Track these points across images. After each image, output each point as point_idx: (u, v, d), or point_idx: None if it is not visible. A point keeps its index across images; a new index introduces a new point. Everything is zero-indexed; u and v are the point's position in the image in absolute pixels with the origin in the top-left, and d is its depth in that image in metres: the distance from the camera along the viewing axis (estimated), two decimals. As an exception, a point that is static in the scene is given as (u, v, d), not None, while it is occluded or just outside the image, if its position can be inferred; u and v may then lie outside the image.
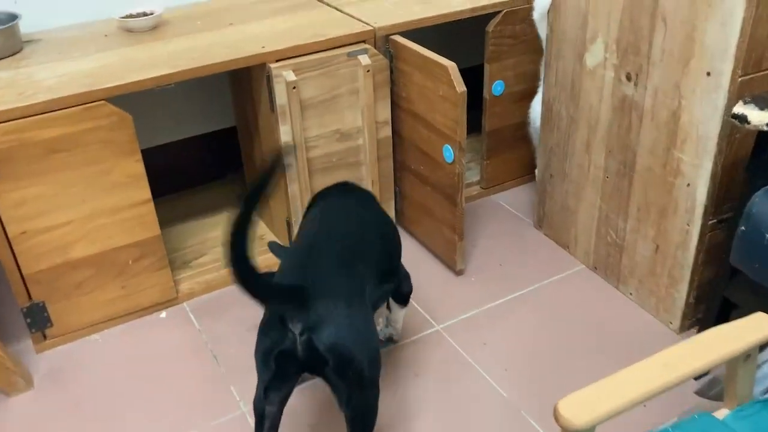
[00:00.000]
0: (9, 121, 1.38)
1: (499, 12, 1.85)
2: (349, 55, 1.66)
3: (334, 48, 1.65)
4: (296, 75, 1.60)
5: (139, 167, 1.55)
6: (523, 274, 1.80)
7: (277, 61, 1.60)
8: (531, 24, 1.87)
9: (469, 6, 1.82)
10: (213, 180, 2.19)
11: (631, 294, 1.69)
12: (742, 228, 1.20)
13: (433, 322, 1.66)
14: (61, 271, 1.56)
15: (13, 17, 1.65)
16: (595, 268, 1.79)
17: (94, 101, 1.45)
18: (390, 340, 1.60)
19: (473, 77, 1.87)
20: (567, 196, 1.80)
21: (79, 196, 1.51)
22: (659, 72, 1.42)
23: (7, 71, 1.55)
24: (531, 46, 1.92)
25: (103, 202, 1.54)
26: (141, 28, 1.76)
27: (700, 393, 1.33)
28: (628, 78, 1.50)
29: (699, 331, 1.54)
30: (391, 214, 1.92)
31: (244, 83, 1.79)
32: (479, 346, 1.58)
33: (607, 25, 1.52)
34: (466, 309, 1.69)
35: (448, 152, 1.63)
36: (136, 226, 1.60)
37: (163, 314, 1.73)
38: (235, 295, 1.75)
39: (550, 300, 1.71)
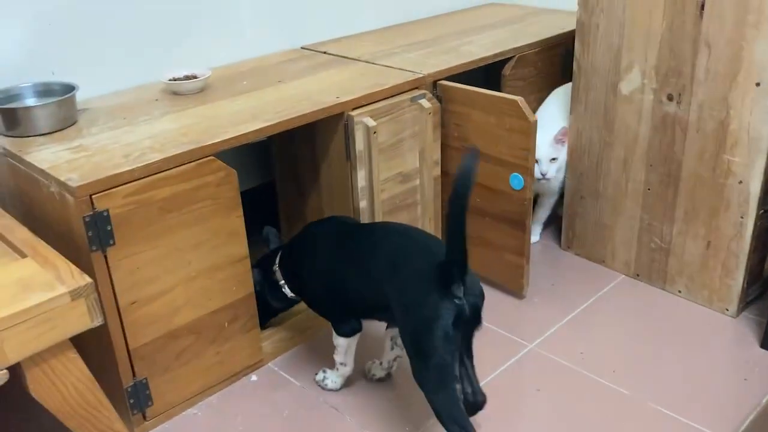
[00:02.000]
0: (129, 182, 1.32)
1: (513, 57, 2.04)
2: (411, 100, 1.76)
3: (397, 95, 1.74)
4: (373, 121, 1.66)
5: (239, 223, 1.52)
6: (575, 290, 1.94)
7: (354, 108, 1.66)
8: (535, 66, 2.09)
9: (491, 52, 1.99)
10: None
11: (680, 291, 1.88)
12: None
13: (524, 343, 1.74)
14: (164, 342, 1.47)
15: (71, 88, 1.57)
16: (637, 275, 1.97)
17: (204, 157, 1.42)
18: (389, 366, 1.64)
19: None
20: (602, 214, 1.98)
21: (185, 257, 1.45)
22: (704, 89, 1.66)
23: (85, 139, 1.47)
24: (535, 87, 2.13)
25: (206, 262, 1.49)
26: (190, 90, 1.74)
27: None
28: (670, 98, 1.73)
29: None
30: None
31: (297, 137, 1.82)
32: (578, 356, 1.69)
33: (644, 55, 1.74)
34: (546, 327, 1.79)
35: (517, 180, 1.76)
36: (232, 285, 1.55)
37: (254, 377, 1.66)
38: (313, 346, 1.73)
39: (609, 309, 1.86)
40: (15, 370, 1.13)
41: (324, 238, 1.55)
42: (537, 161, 1.87)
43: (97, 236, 1.30)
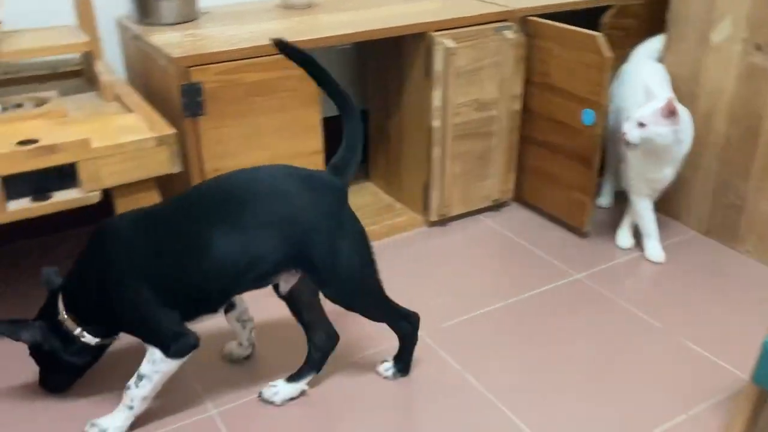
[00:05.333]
0: (223, 62, 1.53)
1: (612, 6, 2.06)
2: (496, 30, 1.85)
3: (484, 24, 1.84)
4: (454, 43, 1.78)
5: (317, 118, 1.70)
6: (639, 240, 1.95)
7: (437, 30, 1.78)
8: (637, 17, 2.09)
9: (589, -3, 2.03)
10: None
11: (748, 251, 1.85)
12: None
13: (571, 271, 1.80)
14: (239, 212, 1.68)
15: (195, -11, 1.82)
16: (708, 232, 1.94)
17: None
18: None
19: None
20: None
21: (266, 140, 1.65)
22: (792, 39, 1.62)
23: (200, 29, 1.71)
24: (636, 39, 2.13)
25: (283, 149, 1.68)
26: (300, 5, 1.94)
27: None
28: (758, 48, 1.70)
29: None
30: (512, 185, 2.09)
31: (390, 60, 1.96)
32: (622, 291, 1.72)
33: (737, 4, 1.72)
34: (597, 263, 1.84)
35: (589, 116, 1.81)
36: (305, 175, 1.74)
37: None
38: (380, 248, 1.90)
39: (669, 259, 1.86)
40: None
41: (133, 229, 1.20)
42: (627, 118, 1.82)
43: (190, 104, 1.53)
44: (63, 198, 1.34)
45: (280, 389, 1.36)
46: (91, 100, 1.62)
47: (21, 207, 1.31)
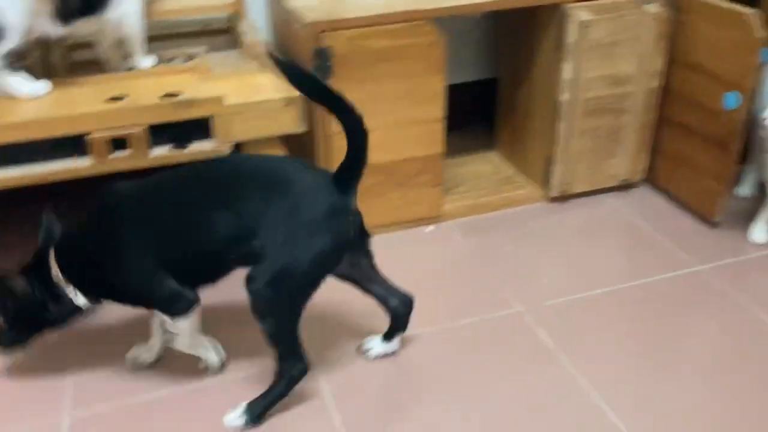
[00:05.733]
0: (353, 28, 1.59)
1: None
2: (636, 2, 1.76)
3: (624, -5, 1.76)
4: (589, 16, 1.72)
5: (441, 86, 1.72)
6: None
7: (573, 2, 1.73)
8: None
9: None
10: (457, 128, 2.35)
11: None
12: None
13: (691, 261, 1.72)
14: (359, 173, 1.76)
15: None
16: None
17: (419, 20, 1.63)
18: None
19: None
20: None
21: (389, 105, 1.70)
22: None
23: (336, -6, 1.78)
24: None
25: (406, 115, 1.73)
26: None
27: None
28: None
29: None
30: (643, 167, 2.00)
31: (522, 29, 1.93)
32: (748, 291, 1.62)
33: None
34: (722, 257, 1.73)
35: (731, 99, 1.69)
36: (426, 142, 1.78)
37: (430, 228, 1.89)
38: (495, 220, 1.90)
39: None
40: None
41: (137, 198, 1.22)
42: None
43: (320, 67, 1.61)
44: (198, 148, 1.48)
45: (375, 346, 1.44)
46: (235, 58, 1.74)
47: (162, 153, 1.46)
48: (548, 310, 1.58)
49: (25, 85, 1.45)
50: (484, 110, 2.24)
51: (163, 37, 1.85)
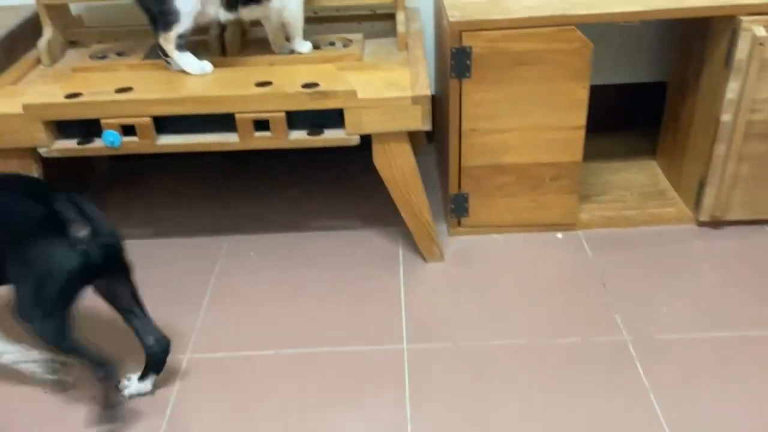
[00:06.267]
0: (494, 30, 1.59)
1: None
2: (831, 19, 1.54)
3: (815, 10, 1.55)
4: (765, 32, 1.54)
5: (584, 94, 1.66)
6: None
7: (748, 14, 1.56)
8: None
9: None
10: (620, 129, 2.24)
11: None
12: None
13: None
14: (490, 172, 1.77)
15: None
16: None
17: (566, 24, 1.59)
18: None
19: None
20: None
21: (526, 108, 1.68)
22: None
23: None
24: None
25: (543, 119, 1.70)
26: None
27: None
28: None
29: None
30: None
31: (694, 36, 1.78)
32: None
33: None
34: None
35: None
36: (563, 148, 1.74)
37: (560, 235, 1.86)
38: (633, 236, 1.82)
39: None
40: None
41: None
42: None
43: (458, 66, 1.63)
44: (331, 136, 1.59)
45: (131, 384, 1.40)
46: (387, 47, 1.82)
47: (299, 138, 1.59)
48: (658, 344, 1.50)
49: (195, 64, 1.65)
50: (654, 114, 2.11)
51: (335, 18, 1.98)
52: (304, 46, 1.76)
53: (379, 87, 1.57)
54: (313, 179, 2.17)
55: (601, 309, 1.60)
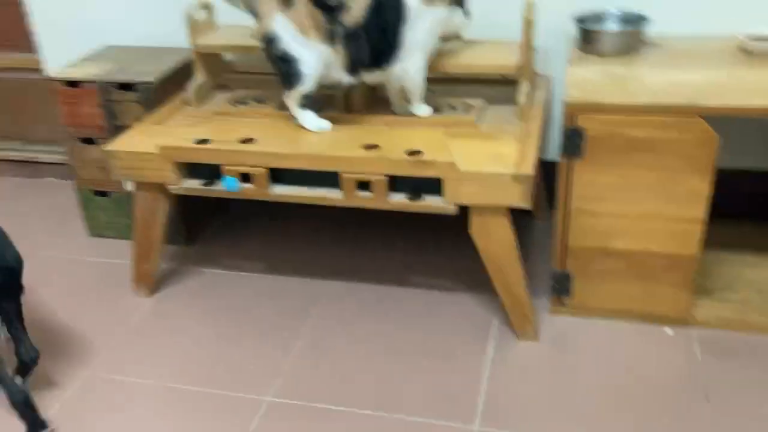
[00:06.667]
0: (611, 114, 1.53)
1: None
2: None
3: None
4: None
5: (705, 188, 1.55)
6: None
7: None
8: None
9: None
10: (758, 218, 2.05)
11: None
12: None
13: None
14: (597, 254, 1.69)
15: (642, 19, 1.79)
16: None
17: (689, 115, 1.49)
18: None
19: None
20: None
21: (639, 195, 1.59)
22: None
23: (624, 67, 1.70)
24: None
25: (657, 208, 1.60)
26: (763, 51, 1.71)
27: None
28: None
29: None
30: None
31: None
32: None
33: None
34: None
35: None
36: (678, 239, 1.62)
37: (670, 331, 1.73)
38: (753, 344, 1.65)
39: None
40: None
41: None
42: None
43: (570, 146, 1.58)
44: (430, 203, 1.61)
45: None
46: (507, 115, 1.80)
47: (398, 201, 1.63)
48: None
49: (313, 122, 1.74)
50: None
51: (464, 81, 1.98)
52: (423, 110, 1.80)
53: (483, 159, 1.57)
54: (419, 236, 2.18)
55: (697, 428, 1.46)
